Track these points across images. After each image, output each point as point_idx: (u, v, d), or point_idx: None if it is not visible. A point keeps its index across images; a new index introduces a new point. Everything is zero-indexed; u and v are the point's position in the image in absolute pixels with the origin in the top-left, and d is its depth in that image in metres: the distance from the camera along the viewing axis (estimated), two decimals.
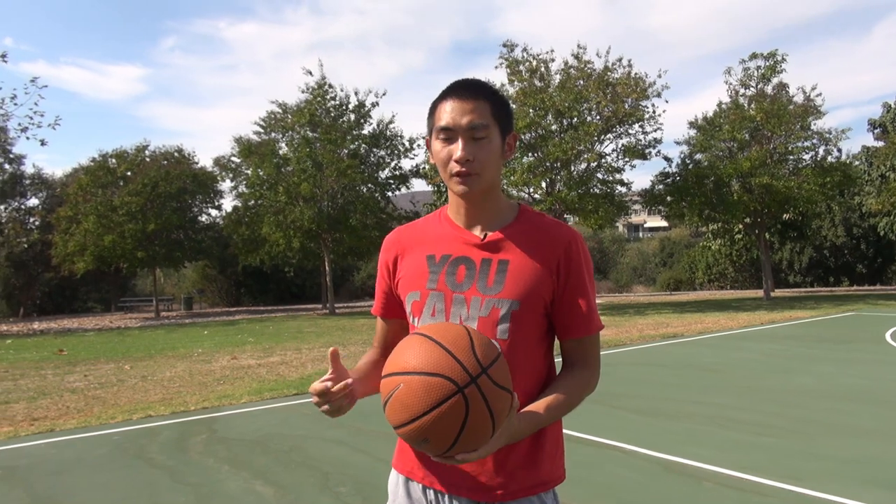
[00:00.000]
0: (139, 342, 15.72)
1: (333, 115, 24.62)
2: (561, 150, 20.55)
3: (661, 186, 25.02)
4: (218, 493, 4.32)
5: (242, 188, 26.81)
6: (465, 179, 1.41)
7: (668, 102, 32.18)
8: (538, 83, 21.91)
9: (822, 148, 24.24)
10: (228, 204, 33.76)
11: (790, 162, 24.30)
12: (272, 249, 25.79)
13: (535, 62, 22.03)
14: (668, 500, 4.01)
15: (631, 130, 22.56)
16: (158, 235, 26.69)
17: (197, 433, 5.96)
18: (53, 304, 36.66)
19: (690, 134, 25.66)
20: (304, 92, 24.71)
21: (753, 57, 24.33)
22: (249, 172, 25.92)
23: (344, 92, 24.90)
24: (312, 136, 24.39)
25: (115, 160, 27.59)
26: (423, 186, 28.28)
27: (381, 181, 26.07)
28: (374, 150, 25.66)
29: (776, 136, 23.54)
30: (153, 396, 7.91)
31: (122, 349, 14.08)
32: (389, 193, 26.51)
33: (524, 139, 21.70)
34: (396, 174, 26.25)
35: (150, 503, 4.17)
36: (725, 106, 24.91)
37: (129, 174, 26.98)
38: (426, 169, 25.35)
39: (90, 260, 25.56)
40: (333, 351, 1.38)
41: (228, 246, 28.83)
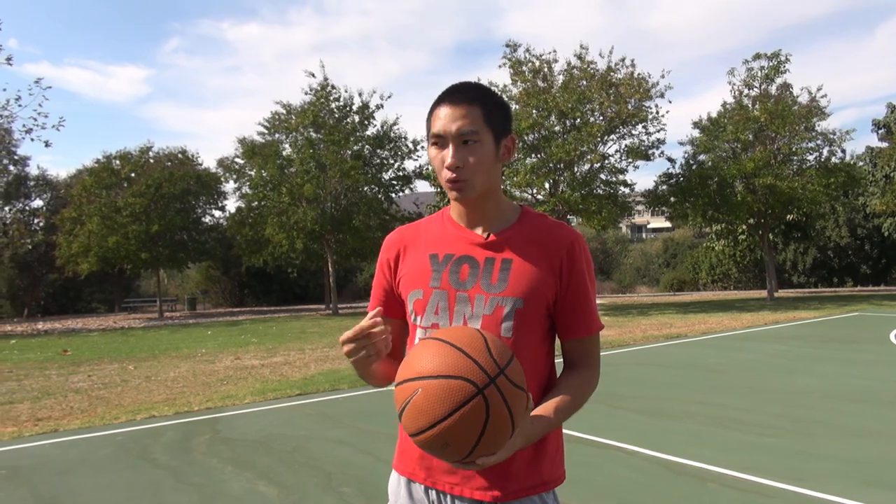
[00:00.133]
0: (143, 343, 15.76)
1: (337, 116, 24.64)
2: (564, 150, 20.54)
3: (664, 187, 24.98)
4: (221, 493, 4.34)
5: (246, 189, 26.86)
6: (456, 185, 1.42)
7: (671, 103, 32.20)
8: (541, 84, 21.89)
9: (826, 149, 24.20)
10: (232, 205, 33.71)
11: (794, 162, 24.26)
12: (275, 250, 25.83)
13: (538, 63, 22.02)
14: (669, 500, 4.01)
15: (634, 131, 22.51)
16: (162, 236, 26.76)
17: (200, 433, 5.98)
18: (57, 304, 36.77)
19: (694, 134, 25.65)
20: (307, 93, 24.77)
21: (757, 57, 24.30)
22: (253, 173, 25.95)
23: (348, 93, 24.96)
24: (316, 137, 24.41)
25: (119, 161, 27.68)
26: (426, 188, 28.31)
27: (384, 182, 26.08)
28: (377, 151, 25.68)
29: (780, 136, 23.49)
30: (157, 397, 7.93)
31: (125, 349, 14.11)
32: (393, 194, 26.53)
33: (527, 140, 21.70)
34: (400, 175, 26.28)
35: (153, 503, 4.18)
36: (730, 106, 24.87)
37: (132, 175, 27.05)
38: (429, 170, 25.33)
39: (94, 261, 25.63)
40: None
41: (232, 247, 28.89)
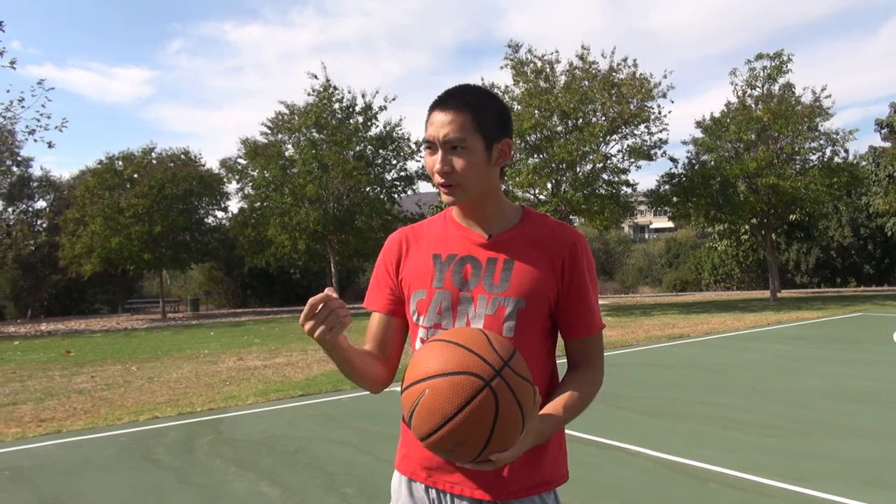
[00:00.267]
0: (146, 343, 15.79)
1: (340, 116, 24.67)
2: (566, 151, 20.53)
3: (666, 187, 24.93)
4: (224, 494, 4.35)
5: (248, 190, 26.89)
6: (446, 190, 1.43)
7: (673, 103, 32.15)
8: (543, 84, 21.88)
9: (829, 148, 24.12)
10: (234, 206, 33.81)
11: (797, 162, 24.21)
12: (278, 251, 25.86)
13: (539, 63, 22.02)
14: (671, 500, 4.01)
15: (636, 131, 22.50)
16: (165, 237, 26.82)
17: (203, 434, 5.99)
18: (61, 305, 36.87)
19: (696, 134, 25.60)
20: (310, 94, 24.81)
21: (759, 57, 24.23)
22: (255, 174, 26.00)
23: (351, 94, 24.99)
24: (318, 137, 24.44)
25: (121, 162, 27.76)
26: (428, 188, 28.29)
27: (386, 183, 26.10)
28: (379, 151, 25.70)
29: (783, 136, 23.44)
30: (160, 398, 7.95)
31: (128, 350, 14.14)
32: (395, 195, 26.55)
33: (530, 140, 21.70)
34: (402, 176, 26.29)
35: None
36: (733, 106, 24.82)
37: (135, 176, 27.13)
38: None
39: (97, 262, 25.71)
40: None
41: (234, 248, 28.95)
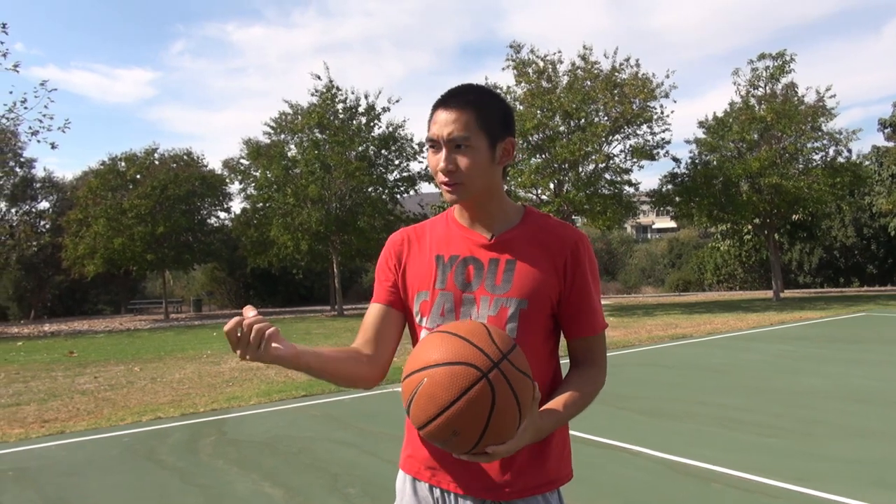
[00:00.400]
0: (149, 344, 15.82)
1: (343, 117, 24.67)
2: (569, 151, 20.52)
3: (669, 187, 24.90)
4: (227, 494, 4.36)
5: (251, 190, 26.87)
6: (449, 188, 1.43)
7: (675, 103, 32.12)
8: (546, 84, 21.87)
9: (832, 148, 24.08)
10: (237, 206, 33.85)
11: (800, 162, 24.16)
12: (280, 251, 25.84)
13: (542, 63, 22.02)
14: (673, 500, 4.02)
15: (639, 131, 22.48)
16: (167, 238, 26.82)
17: (206, 435, 6.00)
18: (64, 306, 36.92)
19: (699, 134, 25.55)
20: (313, 95, 24.81)
21: (762, 57, 24.18)
22: (258, 174, 26.02)
23: (354, 94, 24.99)
24: (321, 138, 24.45)
25: (124, 163, 27.76)
26: (430, 189, 28.29)
27: (389, 183, 26.11)
28: (382, 152, 25.70)
29: (786, 136, 23.39)
30: (163, 398, 7.96)
31: (131, 351, 14.16)
32: (398, 195, 26.55)
33: (532, 140, 21.70)
34: (405, 176, 26.29)
35: None
36: (736, 106, 24.76)
37: (138, 177, 27.13)
38: None
39: (100, 262, 25.72)
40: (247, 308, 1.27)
41: (237, 248, 28.95)
